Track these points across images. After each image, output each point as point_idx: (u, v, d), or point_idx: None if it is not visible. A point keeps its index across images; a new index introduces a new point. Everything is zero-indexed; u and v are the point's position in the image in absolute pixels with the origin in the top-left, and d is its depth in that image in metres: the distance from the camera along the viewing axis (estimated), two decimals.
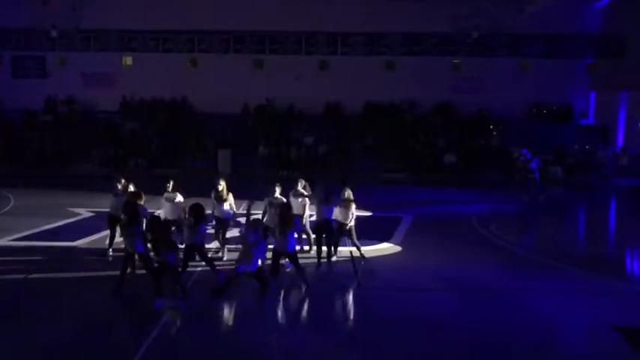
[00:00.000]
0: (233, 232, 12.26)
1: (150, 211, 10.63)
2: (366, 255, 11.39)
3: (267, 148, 25.20)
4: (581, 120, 27.33)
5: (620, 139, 25.26)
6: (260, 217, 10.90)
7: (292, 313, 8.99)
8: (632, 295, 9.89)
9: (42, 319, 8.26)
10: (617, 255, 13.12)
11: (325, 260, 10.82)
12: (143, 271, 9.31)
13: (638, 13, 24.60)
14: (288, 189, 11.63)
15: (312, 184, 11.79)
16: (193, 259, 9.64)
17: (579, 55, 27.24)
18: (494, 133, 25.67)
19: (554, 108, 27.06)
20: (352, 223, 10.94)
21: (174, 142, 25.65)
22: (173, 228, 10.06)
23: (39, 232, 13.25)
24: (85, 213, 15.40)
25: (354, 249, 11.22)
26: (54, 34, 25.63)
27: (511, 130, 25.23)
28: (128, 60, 27.73)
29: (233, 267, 8.90)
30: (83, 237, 12.72)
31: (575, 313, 8.78)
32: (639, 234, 15.17)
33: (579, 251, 13.31)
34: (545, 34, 26.87)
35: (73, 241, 12.45)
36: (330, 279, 10.35)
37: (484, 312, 8.76)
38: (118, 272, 9.21)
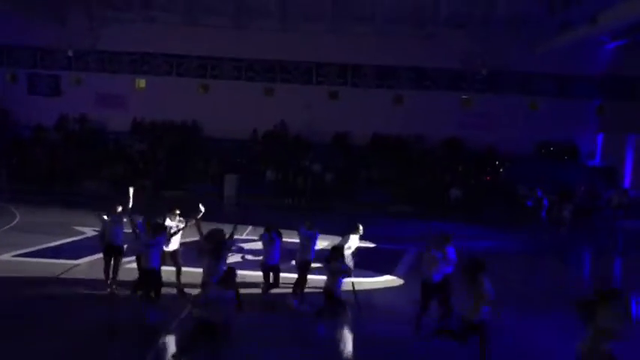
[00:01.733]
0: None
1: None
2: (367, 287, 11.29)
3: (275, 174, 25.32)
4: (588, 160, 27.35)
5: (627, 181, 25.19)
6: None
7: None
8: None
9: (40, 335, 8.23)
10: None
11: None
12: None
13: None
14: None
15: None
16: None
17: (588, 96, 27.45)
18: (501, 169, 25.68)
19: (562, 147, 27.13)
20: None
21: (182, 165, 25.82)
22: None
23: (42, 249, 13.28)
24: (89, 232, 15.42)
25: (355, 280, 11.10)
26: (70, 53, 26.16)
27: (518, 167, 25.26)
28: (141, 82, 28.26)
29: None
30: (86, 256, 12.73)
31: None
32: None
33: (582, 292, 13.14)
34: (555, 74, 27.17)
35: (75, 259, 12.46)
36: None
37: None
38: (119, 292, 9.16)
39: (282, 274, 10.48)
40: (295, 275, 10.49)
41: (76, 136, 27.36)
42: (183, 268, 10.57)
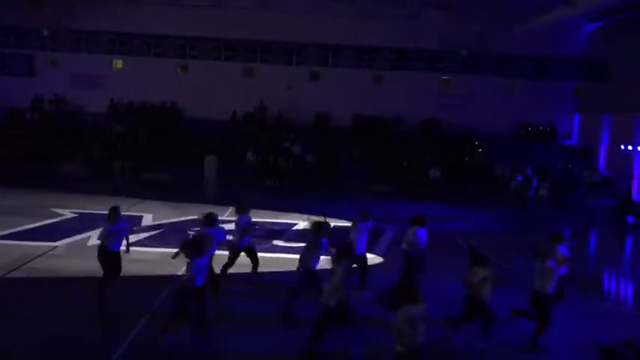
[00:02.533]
0: None
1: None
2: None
3: (255, 155, 25.25)
4: (565, 141, 27.82)
5: (602, 161, 25.71)
6: None
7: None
8: (609, 314, 10.06)
9: (17, 319, 8.18)
10: (596, 274, 13.30)
11: None
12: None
13: (623, 39, 25.22)
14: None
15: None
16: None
17: (565, 78, 27.82)
18: (480, 150, 25.98)
19: (540, 128, 27.53)
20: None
21: (162, 147, 25.59)
22: None
23: (19, 232, 13.12)
24: (67, 214, 15.29)
25: None
26: (45, 33, 25.55)
27: (496, 147, 25.58)
28: (118, 63, 27.77)
29: None
30: (64, 238, 12.64)
31: (555, 332, 8.87)
32: (617, 254, 15.42)
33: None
34: (533, 56, 27.43)
35: (54, 241, 12.36)
36: None
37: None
38: (95, 274, 9.14)
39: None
40: None
41: (52, 117, 26.86)
42: None
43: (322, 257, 8.96)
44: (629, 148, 23.02)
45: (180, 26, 26.78)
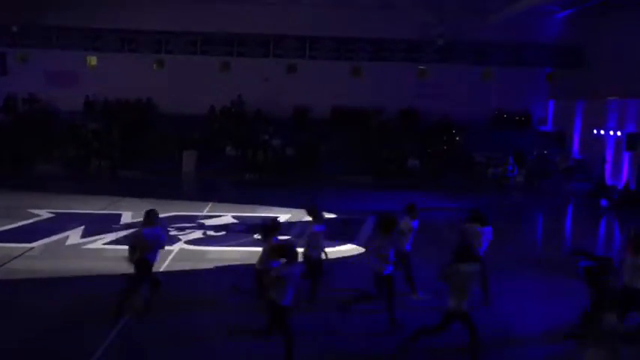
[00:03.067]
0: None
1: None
2: (330, 256, 11.47)
3: (234, 149, 25.15)
4: (540, 127, 28.24)
5: (576, 146, 26.18)
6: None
7: None
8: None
9: None
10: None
11: None
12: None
13: (596, 26, 25.64)
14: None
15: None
16: None
17: (539, 64, 28.21)
18: (457, 138, 26.24)
19: (515, 115, 27.90)
20: None
21: (139, 143, 25.33)
22: None
23: None
24: (44, 214, 15.08)
25: None
26: (15, 29, 25.03)
27: (473, 135, 25.86)
28: (92, 60, 27.37)
29: None
30: (41, 238, 12.49)
31: (534, 314, 9.06)
32: (593, 237, 15.77)
33: (537, 254, 13.74)
34: (508, 44, 27.74)
35: (30, 242, 12.20)
36: None
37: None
38: (74, 274, 9.07)
39: None
40: None
41: (26, 117, 26.37)
42: None
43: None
44: (602, 132, 23.46)
45: (155, 21, 26.48)
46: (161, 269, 10.15)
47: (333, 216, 15.78)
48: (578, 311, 7.95)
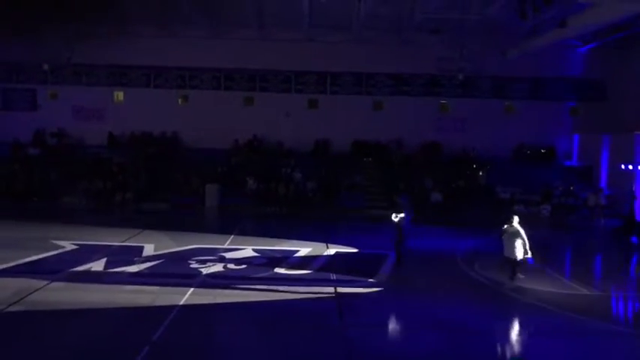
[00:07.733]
0: None
1: None
2: (348, 292, 11.33)
3: (256, 183, 25.29)
4: (565, 161, 27.85)
5: (603, 180, 25.67)
6: None
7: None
8: (614, 335, 9.91)
9: (16, 353, 8.09)
10: (599, 296, 13.15)
11: None
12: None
13: (618, 59, 25.48)
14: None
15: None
16: None
17: (562, 98, 28.03)
18: (480, 172, 25.99)
19: (539, 149, 27.58)
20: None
21: (163, 177, 25.66)
22: None
23: (19, 265, 13.05)
24: (68, 245, 15.25)
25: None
26: (46, 67, 25.93)
27: (496, 170, 25.60)
28: (119, 95, 28.11)
29: None
30: (64, 269, 12.57)
31: (557, 355, 8.76)
32: (622, 275, 15.27)
33: (565, 292, 13.33)
34: (530, 78, 27.73)
35: (54, 273, 12.29)
36: None
37: (466, 350, 8.71)
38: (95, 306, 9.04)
39: None
40: None
41: (54, 150, 27.02)
42: None
43: None
44: (630, 167, 23.01)
45: (179, 57, 27.15)
46: (181, 303, 10.10)
47: (355, 250, 15.64)
48: None
